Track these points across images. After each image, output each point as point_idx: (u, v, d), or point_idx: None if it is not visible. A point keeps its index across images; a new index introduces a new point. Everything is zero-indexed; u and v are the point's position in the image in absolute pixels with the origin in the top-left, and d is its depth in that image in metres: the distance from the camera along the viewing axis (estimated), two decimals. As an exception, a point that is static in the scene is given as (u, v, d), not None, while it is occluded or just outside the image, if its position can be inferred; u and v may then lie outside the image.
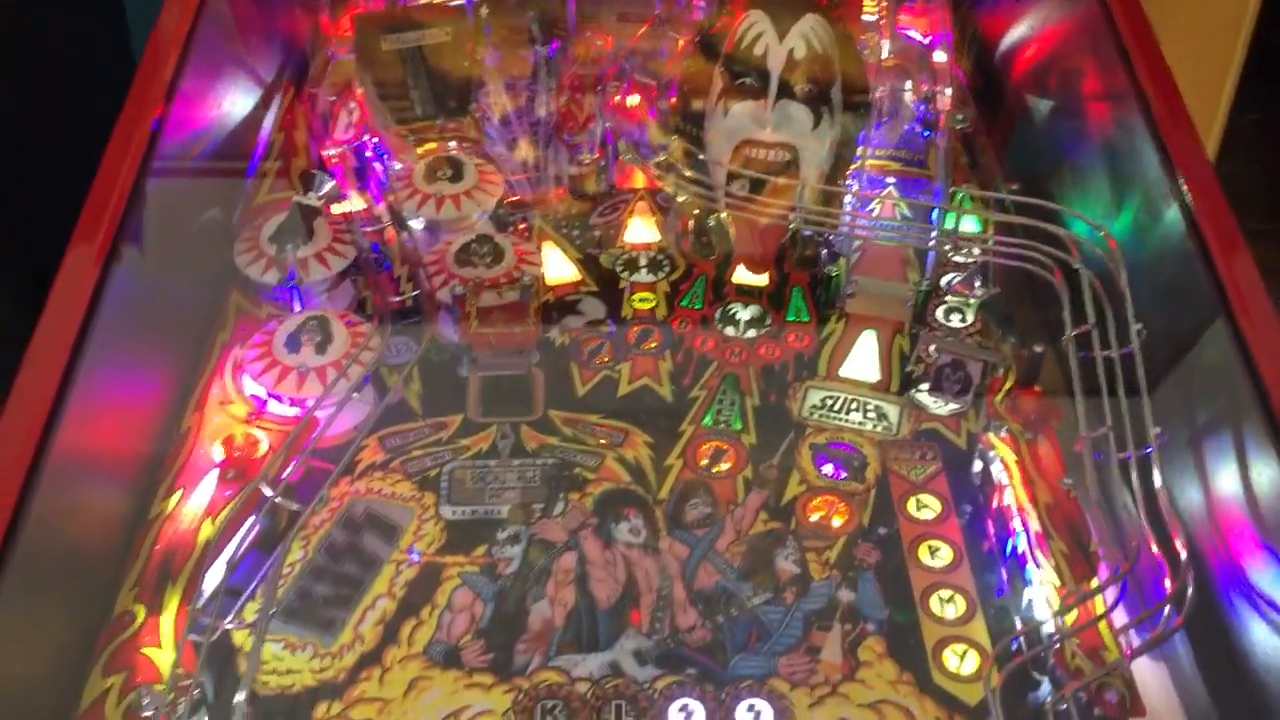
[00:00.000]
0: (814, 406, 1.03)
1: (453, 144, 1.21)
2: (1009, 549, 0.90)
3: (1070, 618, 0.82)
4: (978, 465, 0.97)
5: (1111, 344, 0.91)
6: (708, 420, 1.02)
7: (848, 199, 1.15)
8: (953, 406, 1.01)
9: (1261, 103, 3.08)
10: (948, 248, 1.08)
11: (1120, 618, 0.82)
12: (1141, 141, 1.04)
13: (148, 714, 0.76)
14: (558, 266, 1.16)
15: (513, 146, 1.24)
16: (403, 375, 1.01)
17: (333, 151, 1.19)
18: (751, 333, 1.10)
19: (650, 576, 0.90)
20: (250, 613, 0.84)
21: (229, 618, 0.81)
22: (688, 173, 1.12)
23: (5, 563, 0.75)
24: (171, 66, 1.06)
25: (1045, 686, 0.81)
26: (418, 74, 1.28)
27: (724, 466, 0.98)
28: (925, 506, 0.95)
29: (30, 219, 1.33)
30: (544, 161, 1.24)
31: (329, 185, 1.05)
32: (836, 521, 0.94)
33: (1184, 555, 0.79)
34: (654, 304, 1.13)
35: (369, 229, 1.12)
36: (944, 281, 1.07)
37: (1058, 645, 0.80)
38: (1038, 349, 0.98)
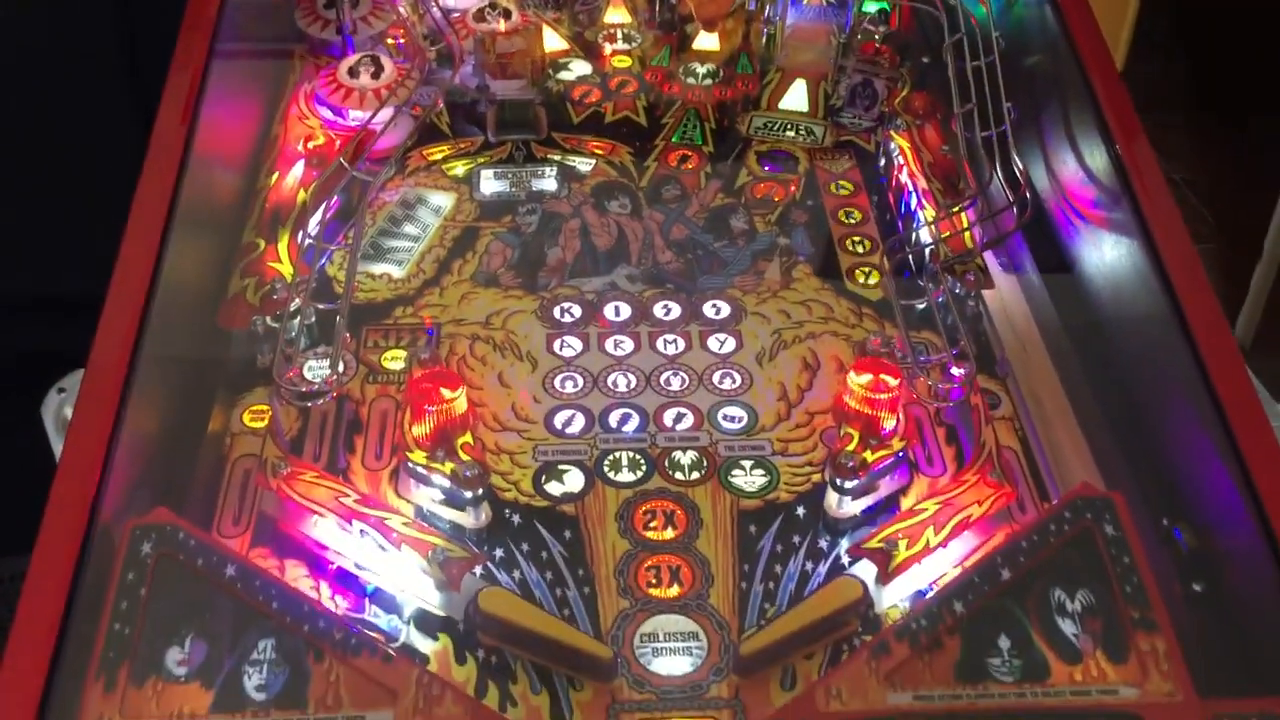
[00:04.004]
0: (758, 127, 1.33)
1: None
2: (903, 209, 1.21)
3: (944, 236, 1.13)
4: (881, 161, 1.27)
5: (980, 54, 1.21)
6: (675, 138, 1.31)
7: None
8: (865, 124, 1.31)
9: (1170, 5, 3.40)
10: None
11: (979, 232, 1.13)
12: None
13: (279, 296, 1.05)
14: (551, 40, 1.44)
15: None
16: (434, 96, 1.29)
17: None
18: (708, 81, 1.39)
19: (636, 232, 1.20)
20: (341, 254, 1.12)
21: (330, 248, 1.10)
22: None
23: (174, 212, 1.03)
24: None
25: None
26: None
27: (689, 166, 1.28)
28: (842, 187, 1.25)
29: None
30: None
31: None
32: (775, 197, 1.24)
33: (1022, 182, 1.09)
34: (630, 64, 1.42)
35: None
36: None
37: (933, 248, 1.11)
38: (924, 59, 1.28)
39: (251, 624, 0.76)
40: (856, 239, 1.19)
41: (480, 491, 0.91)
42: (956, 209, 1.12)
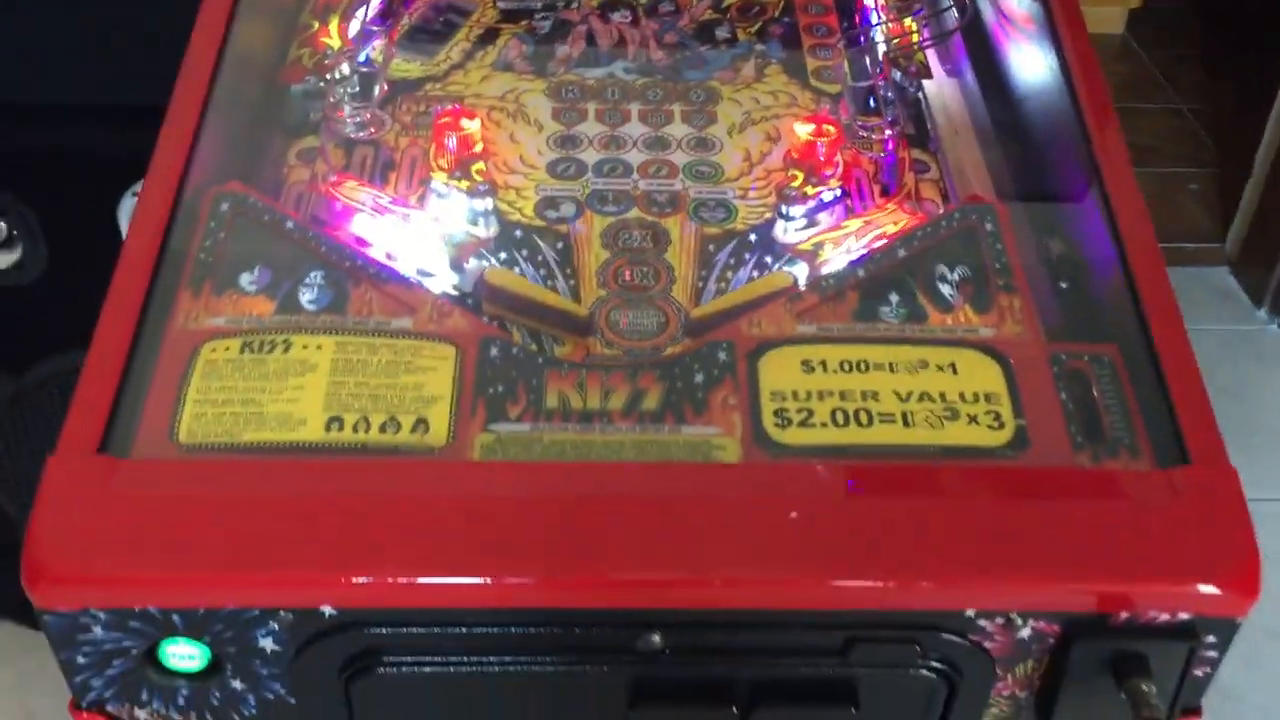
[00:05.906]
0: (746, -42, 1.52)
1: None
2: (863, 22, 1.40)
3: (895, 39, 1.32)
4: (852, -13, 1.46)
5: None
6: (674, -33, 1.51)
7: None
8: (840, -40, 1.50)
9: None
10: None
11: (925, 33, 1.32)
12: None
13: (329, 61, 1.25)
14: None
15: None
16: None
17: None
18: (705, -78, 1.58)
19: (634, 37, 1.40)
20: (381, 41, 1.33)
21: (374, 30, 1.31)
22: None
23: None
24: None
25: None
26: None
27: (684, -13, 1.48)
28: (816, 7, 1.44)
29: None
30: None
31: None
32: (756, 13, 1.43)
33: (965, -8, 1.29)
34: (640, -90, 1.61)
35: None
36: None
37: (883, 48, 1.30)
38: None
39: (304, 260, 0.97)
40: (823, 49, 1.38)
41: (490, 205, 1.11)
42: (906, 10, 1.31)
